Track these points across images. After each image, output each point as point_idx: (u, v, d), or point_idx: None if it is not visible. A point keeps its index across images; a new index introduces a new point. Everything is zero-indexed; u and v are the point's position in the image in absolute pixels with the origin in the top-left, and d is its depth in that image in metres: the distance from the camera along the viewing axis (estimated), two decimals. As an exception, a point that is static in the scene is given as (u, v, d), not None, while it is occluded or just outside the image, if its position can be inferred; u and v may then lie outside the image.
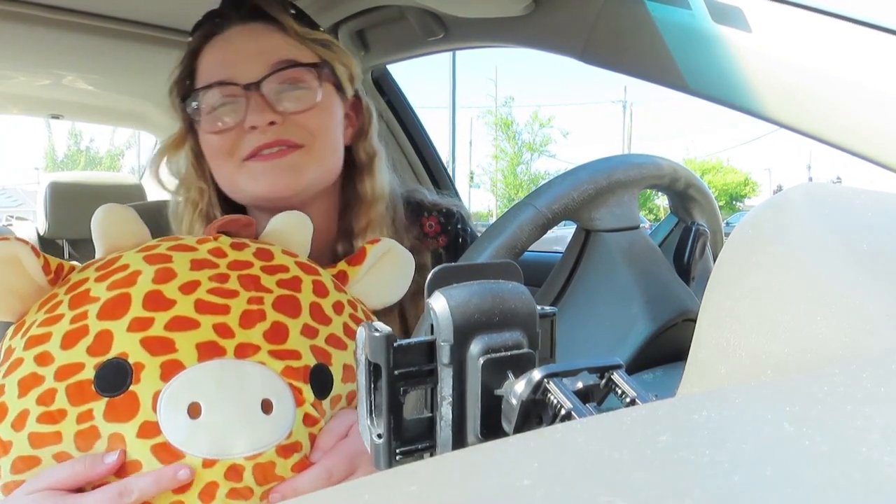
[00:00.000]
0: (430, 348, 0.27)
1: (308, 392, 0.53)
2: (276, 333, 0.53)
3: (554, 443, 0.16)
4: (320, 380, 0.54)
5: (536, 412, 0.25)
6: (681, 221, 0.79)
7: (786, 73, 0.71)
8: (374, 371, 0.27)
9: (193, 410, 0.48)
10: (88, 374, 0.49)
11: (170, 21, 1.27)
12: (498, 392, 0.26)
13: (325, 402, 0.54)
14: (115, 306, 0.51)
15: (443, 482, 0.15)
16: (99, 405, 0.48)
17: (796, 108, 0.71)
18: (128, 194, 1.83)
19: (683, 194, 0.75)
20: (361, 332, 0.27)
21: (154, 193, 1.89)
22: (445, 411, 0.27)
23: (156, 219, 0.91)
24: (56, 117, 1.90)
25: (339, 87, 0.81)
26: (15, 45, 1.29)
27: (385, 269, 0.67)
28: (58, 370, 0.49)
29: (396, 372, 0.27)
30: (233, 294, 0.54)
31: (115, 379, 0.49)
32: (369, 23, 1.26)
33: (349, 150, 0.84)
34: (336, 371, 0.55)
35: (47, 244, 1.77)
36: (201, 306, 0.52)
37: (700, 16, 0.77)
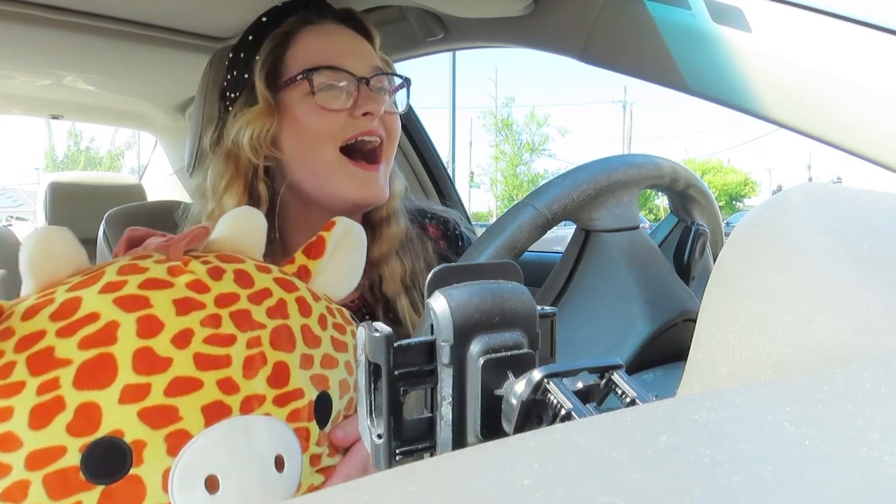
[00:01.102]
0: (430, 348, 0.27)
1: (314, 429, 0.50)
2: (279, 376, 0.49)
3: (554, 443, 0.16)
4: (322, 409, 0.52)
5: (536, 412, 0.25)
6: (681, 221, 0.79)
7: (786, 73, 0.71)
8: (374, 371, 0.27)
9: (211, 484, 0.43)
10: (73, 458, 0.40)
11: (170, 21, 1.27)
12: (498, 392, 0.26)
13: (326, 427, 0.53)
14: (97, 371, 0.42)
15: (443, 482, 0.15)
16: (91, 496, 0.41)
17: (796, 108, 0.71)
18: (128, 194, 1.83)
19: (683, 194, 0.75)
20: (361, 332, 0.27)
21: (154, 193, 1.90)
22: (445, 411, 0.27)
23: (159, 219, 0.91)
24: (56, 117, 1.90)
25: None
26: (15, 45, 1.29)
27: (344, 254, 0.61)
28: (29, 457, 0.40)
29: (396, 372, 0.27)
30: (230, 340, 0.47)
31: (110, 462, 0.41)
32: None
33: None
34: (334, 393, 0.53)
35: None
36: (201, 361, 0.45)
37: (700, 16, 0.77)
